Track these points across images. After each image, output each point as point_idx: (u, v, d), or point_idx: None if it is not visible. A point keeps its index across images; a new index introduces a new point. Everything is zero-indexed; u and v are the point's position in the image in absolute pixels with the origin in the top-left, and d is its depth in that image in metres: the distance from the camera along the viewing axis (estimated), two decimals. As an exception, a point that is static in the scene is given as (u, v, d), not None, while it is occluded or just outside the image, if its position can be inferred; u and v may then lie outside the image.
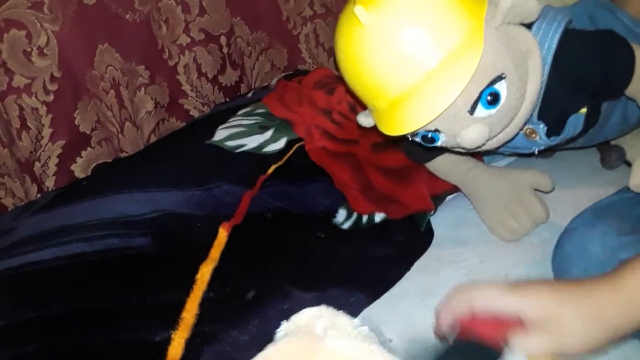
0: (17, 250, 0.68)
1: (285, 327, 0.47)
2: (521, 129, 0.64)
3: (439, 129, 0.58)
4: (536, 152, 0.71)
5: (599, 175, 0.84)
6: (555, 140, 0.68)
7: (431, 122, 0.56)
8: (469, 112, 0.56)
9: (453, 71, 0.54)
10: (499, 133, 0.61)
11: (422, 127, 0.57)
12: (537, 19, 0.62)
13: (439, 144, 0.61)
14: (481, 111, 0.57)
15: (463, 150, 0.65)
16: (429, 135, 0.60)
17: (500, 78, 0.56)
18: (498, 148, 0.68)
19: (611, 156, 0.84)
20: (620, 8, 0.75)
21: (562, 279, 0.60)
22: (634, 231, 0.58)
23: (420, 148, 0.70)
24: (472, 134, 0.57)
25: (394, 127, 0.58)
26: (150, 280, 0.64)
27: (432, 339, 0.60)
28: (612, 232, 0.58)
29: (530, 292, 0.47)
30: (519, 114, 0.60)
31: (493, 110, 0.57)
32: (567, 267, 0.60)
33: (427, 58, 0.54)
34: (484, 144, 0.61)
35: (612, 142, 0.84)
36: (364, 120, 0.66)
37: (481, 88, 0.55)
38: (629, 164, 0.81)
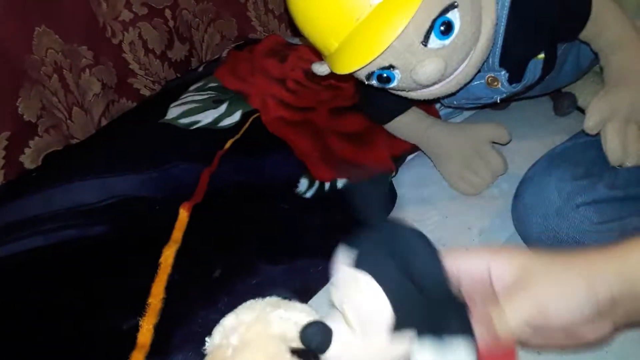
0: (-31, 251, 0.65)
1: None
2: (480, 70, 0.64)
3: (394, 64, 0.57)
4: (498, 101, 0.72)
5: (553, 123, 0.86)
6: (517, 87, 0.68)
7: (384, 54, 0.55)
8: (422, 43, 0.55)
9: (401, 1, 0.53)
10: (455, 70, 0.60)
11: (374, 61, 0.56)
12: None
13: (394, 83, 0.60)
14: (434, 42, 0.56)
15: (422, 98, 0.65)
16: (385, 75, 0.59)
17: (452, 6, 0.55)
18: (459, 95, 0.67)
19: (563, 103, 0.85)
20: None
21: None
22: (588, 175, 0.59)
23: (380, 106, 0.69)
24: (428, 68, 0.56)
25: (347, 65, 0.57)
26: (112, 269, 0.62)
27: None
28: (567, 177, 0.59)
29: (504, 250, 0.38)
30: (476, 49, 0.59)
31: (447, 41, 0.56)
32: (526, 215, 0.61)
33: None
34: (441, 80, 0.60)
35: (563, 90, 0.86)
36: (319, 68, 0.65)
37: (433, 16, 0.54)
38: (580, 110, 0.82)
